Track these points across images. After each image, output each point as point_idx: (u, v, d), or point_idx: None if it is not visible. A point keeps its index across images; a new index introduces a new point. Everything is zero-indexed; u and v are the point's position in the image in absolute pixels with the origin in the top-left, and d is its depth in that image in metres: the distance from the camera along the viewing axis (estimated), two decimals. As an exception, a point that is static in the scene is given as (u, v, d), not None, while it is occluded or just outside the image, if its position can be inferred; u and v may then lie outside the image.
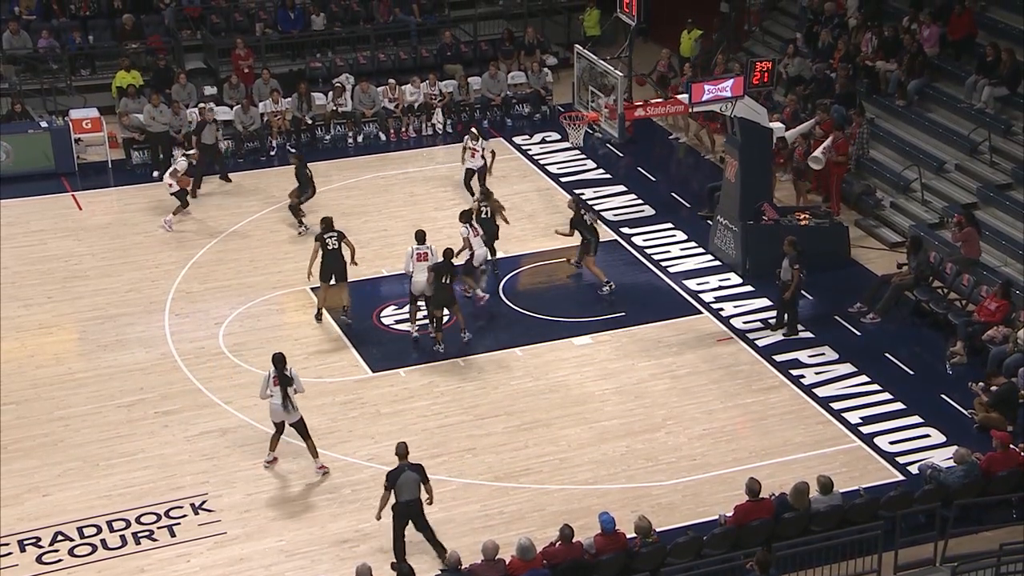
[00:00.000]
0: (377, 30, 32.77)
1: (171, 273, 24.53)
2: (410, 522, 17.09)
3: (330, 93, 30.42)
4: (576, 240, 23.96)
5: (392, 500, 16.92)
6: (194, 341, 22.40)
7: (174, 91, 29.78)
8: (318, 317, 22.76)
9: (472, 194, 26.38)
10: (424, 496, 17.02)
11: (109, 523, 18.04)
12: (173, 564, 17.39)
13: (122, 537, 17.80)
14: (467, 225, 23.23)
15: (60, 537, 17.77)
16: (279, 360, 18.72)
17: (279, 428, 18.99)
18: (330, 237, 22.48)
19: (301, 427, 18.90)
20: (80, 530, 17.91)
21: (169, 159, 28.74)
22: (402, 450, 17.13)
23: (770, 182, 25.31)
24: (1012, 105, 26.63)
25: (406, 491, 16.88)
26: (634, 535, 16.44)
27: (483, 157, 26.69)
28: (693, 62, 31.23)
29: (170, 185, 25.68)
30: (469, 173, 26.95)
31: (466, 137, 27.12)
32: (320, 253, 22.49)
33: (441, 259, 21.92)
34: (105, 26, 32.39)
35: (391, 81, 30.75)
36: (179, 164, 26.00)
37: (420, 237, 22.31)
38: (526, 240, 25.80)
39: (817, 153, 25.48)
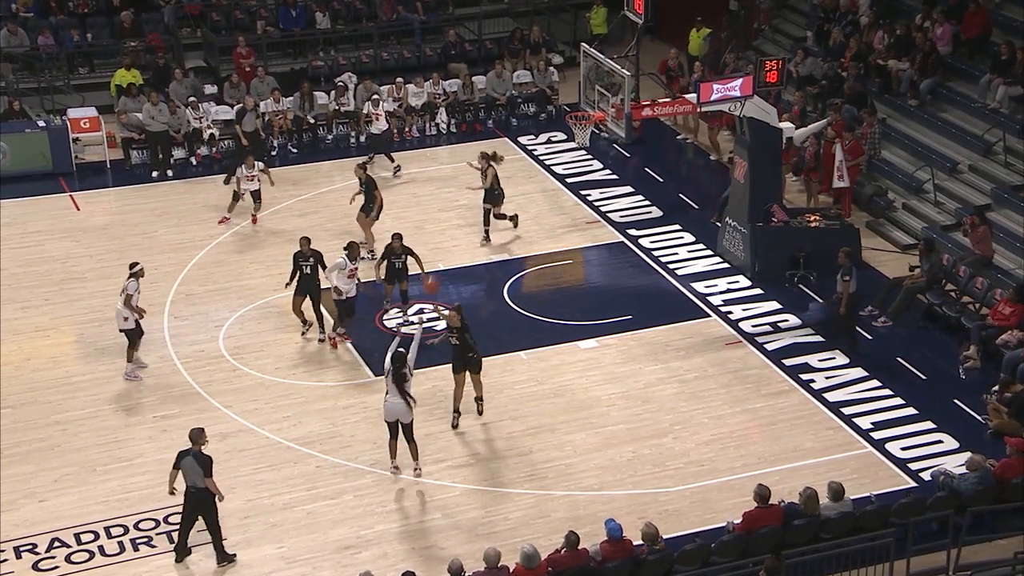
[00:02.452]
0: (380, 28, 32.77)
1: (170, 275, 24.53)
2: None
3: (332, 92, 30.42)
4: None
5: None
6: (194, 344, 22.41)
7: (172, 88, 29.77)
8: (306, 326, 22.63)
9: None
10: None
11: (107, 529, 18.04)
12: (172, 571, 17.37)
13: (120, 543, 17.80)
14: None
15: (57, 543, 17.77)
16: (398, 359, 18.59)
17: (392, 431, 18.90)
18: (305, 263, 22.20)
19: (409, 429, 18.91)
20: (77, 536, 17.92)
21: (169, 159, 28.84)
22: (193, 436, 17.13)
23: (780, 183, 25.30)
24: (1027, 105, 26.64)
25: (188, 476, 17.12)
26: (641, 542, 16.42)
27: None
28: (702, 61, 31.23)
29: (125, 319, 21.13)
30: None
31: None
32: (297, 274, 22.31)
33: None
34: (104, 24, 32.44)
35: (399, 80, 30.74)
36: (129, 287, 21.25)
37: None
38: (531, 242, 25.79)
39: (836, 183, 25.69)
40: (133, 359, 21.37)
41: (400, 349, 18.88)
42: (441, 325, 22.93)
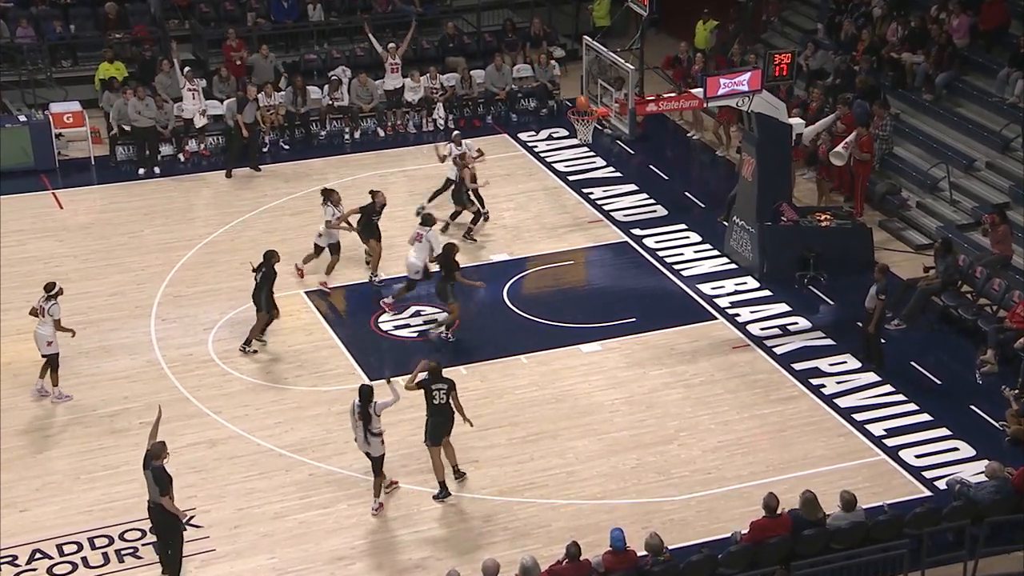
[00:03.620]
0: (375, 20, 32.77)
1: (158, 276, 24.55)
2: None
3: (326, 87, 30.43)
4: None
5: None
6: (182, 347, 22.42)
7: (158, 81, 29.74)
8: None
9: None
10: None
11: (91, 540, 18.03)
12: (158, 583, 17.42)
13: (104, 555, 17.79)
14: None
15: (38, 555, 17.76)
16: (365, 395, 18.25)
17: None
18: (258, 273, 22.12)
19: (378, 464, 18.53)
20: (60, 547, 17.90)
21: (156, 155, 28.84)
22: (155, 450, 16.75)
23: (789, 181, 25.31)
24: (1046, 100, 26.68)
25: (149, 491, 16.86)
26: (645, 553, 16.42)
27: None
28: (708, 54, 31.25)
29: (49, 343, 20.89)
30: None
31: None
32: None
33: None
34: (88, 15, 32.45)
35: (432, 69, 30.83)
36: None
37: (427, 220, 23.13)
38: (532, 242, 25.82)
39: (839, 148, 25.36)
40: (57, 382, 20.98)
41: (369, 384, 18.68)
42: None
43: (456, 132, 27.46)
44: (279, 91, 29.92)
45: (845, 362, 21.90)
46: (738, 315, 23.43)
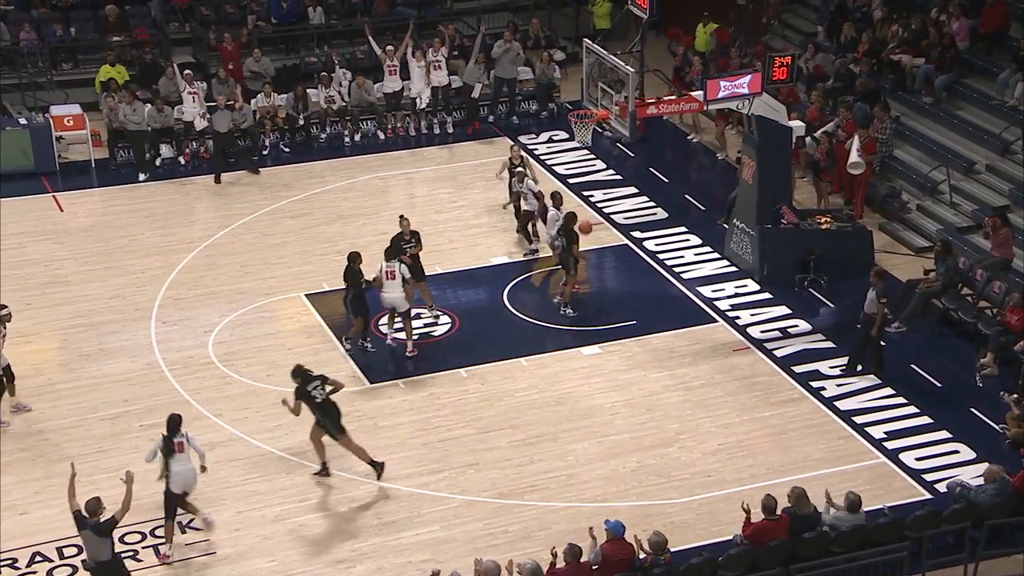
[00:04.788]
0: (375, 23, 32.77)
1: (158, 278, 24.56)
2: None
3: (319, 86, 30.39)
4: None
5: None
6: (182, 350, 22.42)
7: (161, 84, 29.79)
8: None
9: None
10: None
11: (91, 542, 18.04)
12: (158, 585, 17.44)
13: (105, 557, 17.80)
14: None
15: (39, 558, 17.77)
16: (175, 422, 17.86)
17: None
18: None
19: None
20: (60, 550, 17.91)
21: (157, 157, 28.82)
22: (91, 507, 15.99)
23: (789, 183, 25.32)
24: (1046, 102, 26.69)
25: (88, 551, 16.12)
26: (644, 554, 16.39)
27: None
28: (708, 57, 31.26)
29: None
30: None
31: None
32: None
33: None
34: (88, 18, 32.47)
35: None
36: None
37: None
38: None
39: (855, 158, 25.32)
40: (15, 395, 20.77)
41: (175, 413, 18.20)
42: (440, 329, 23.02)
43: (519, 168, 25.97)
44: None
45: (845, 365, 21.88)
46: (738, 318, 23.43)
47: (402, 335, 22.25)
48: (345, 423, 20.33)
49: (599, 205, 27.28)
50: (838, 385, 21.46)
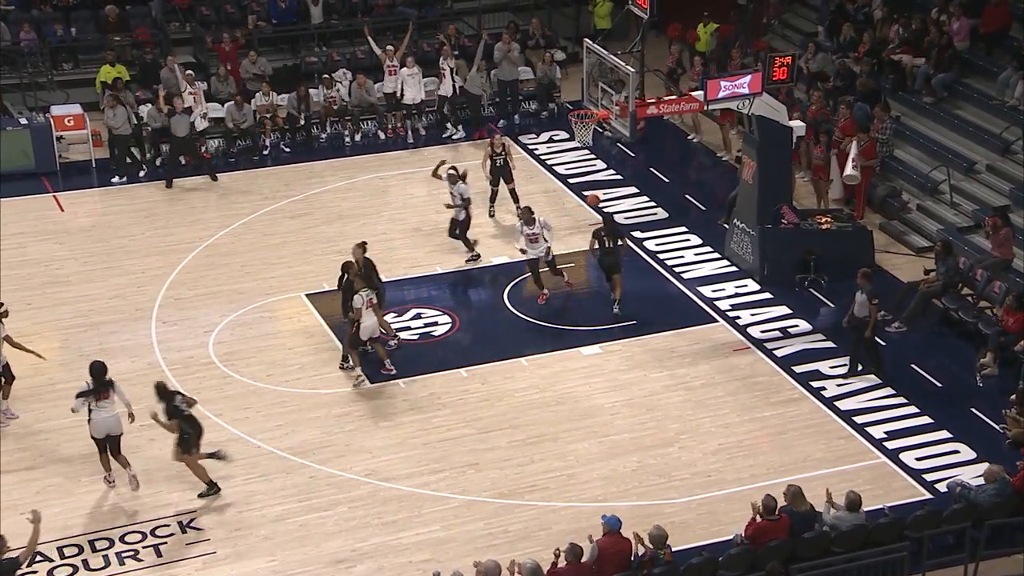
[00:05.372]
0: (375, 23, 32.78)
1: (158, 278, 24.57)
2: None
3: (320, 87, 30.39)
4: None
5: None
6: (182, 350, 22.43)
7: (162, 75, 29.83)
8: None
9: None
10: None
11: (91, 543, 18.06)
12: (159, 585, 17.44)
13: (105, 557, 17.81)
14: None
15: (39, 558, 17.72)
16: (99, 370, 18.75)
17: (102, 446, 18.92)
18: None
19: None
20: (60, 550, 17.92)
21: (157, 157, 28.79)
22: None
23: (790, 183, 25.33)
24: (1047, 102, 26.68)
25: None
26: (643, 548, 16.39)
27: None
28: (708, 57, 31.26)
29: None
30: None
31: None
32: None
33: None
34: (88, 18, 32.50)
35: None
36: None
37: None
38: (532, 244, 25.81)
39: (850, 170, 25.34)
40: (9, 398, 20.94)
41: (98, 361, 18.95)
42: (440, 329, 23.02)
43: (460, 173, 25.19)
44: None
45: (846, 365, 21.88)
46: (738, 318, 23.43)
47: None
48: (345, 423, 20.46)
49: (599, 205, 27.24)
50: (838, 385, 21.45)
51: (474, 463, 19.65)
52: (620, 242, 23.34)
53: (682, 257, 25.44)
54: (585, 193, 26.97)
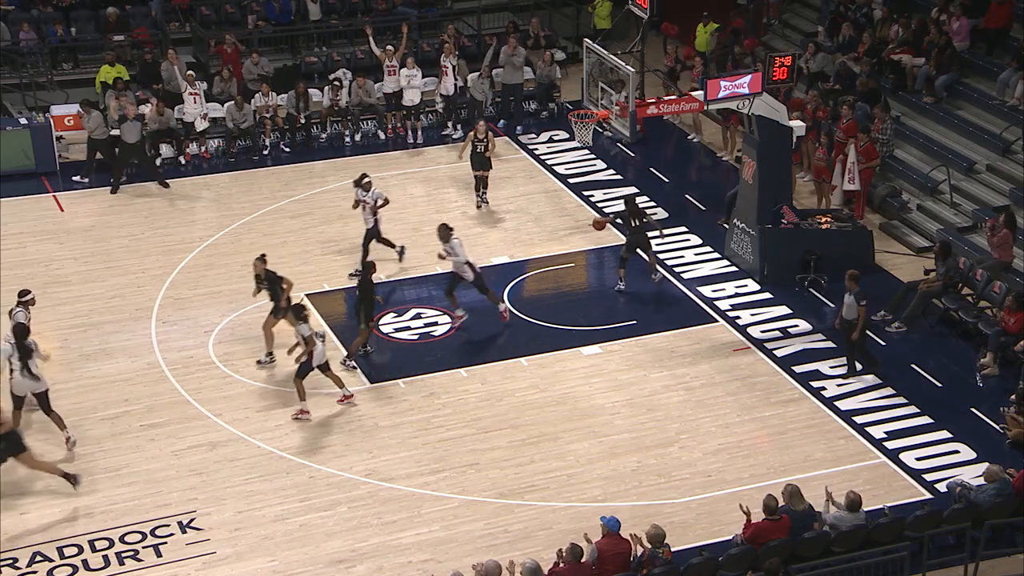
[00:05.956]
0: (375, 22, 32.77)
1: (158, 278, 24.57)
2: None
3: (327, 89, 30.41)
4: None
5: None
6: (182, 350, 22.43)
7: (164, 69, 29.88)
8: None
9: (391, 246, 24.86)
10: None
11: (91, 543, 18.05)
12: (159, 585, 17.44)
13: (105, 557, 17.81)
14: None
15: (39, 558, 17.77)
16: (22, 332, 19.69)
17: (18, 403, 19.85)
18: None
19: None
20: (60, 550, 17.91)
21: (156, 157, 28.79)
22: None
23: (790, 183, 25.33)
24: (1047, 102, 26.68)
25: None
26: (642, 548, 16.39)
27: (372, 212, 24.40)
28: (708, 57, 31.26)
29: None
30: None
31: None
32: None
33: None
34: (88, 17, 32.49)
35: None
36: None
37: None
38: (532, 244, 25.82)
39: (847, 185, 25.51)
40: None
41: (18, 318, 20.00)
42: (440, 329, 23.03)
43: (367, 179, 24.62)
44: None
45: (846, 365, 21.88)
46: (739, 318, 23.44)
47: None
48: (345, 423, 20.44)
49: (599, 205, 27.28)
50: (838, 385, 21.46)
51: (474, 463, 19.65)
52: (644, 219, 24.03)
53: (682, 257, 25.44)
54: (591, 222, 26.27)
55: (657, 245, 25.73)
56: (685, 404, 21.07)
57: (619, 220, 24.37)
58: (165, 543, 18.02)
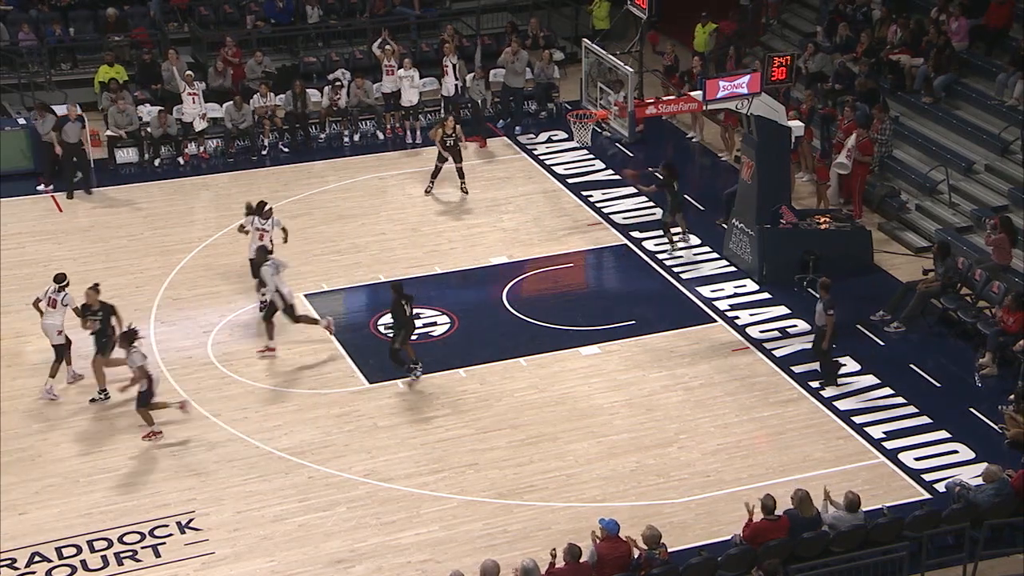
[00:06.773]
0: (374, 22, 32.76)
1: (157, 279, 24.56)
2: None
3: (327, 89, 30.40)
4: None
5: None
6: (181, 350, 22.42)
7: (164, 68, 29.89)
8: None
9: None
10: None
11: (90, 543, 18.04)
12: (158, 586, 17.42)
13: (104, 558, 17.80)
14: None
15: (38, 558, 17.76)
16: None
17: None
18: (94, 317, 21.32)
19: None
20: (59, 551, 17.90)
21: (156, 157, 28.77)
22: None
23: (789, 183, 25.33)
24: (1046, 102, 26.67)
25: None
26: (639, 550, 16.39)
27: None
28: (707, 57, 31.25)
29: (59, 332, 21.25)
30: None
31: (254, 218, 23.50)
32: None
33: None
34: (87, 18, 32.49)
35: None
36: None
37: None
38: (531, 244, 25.81)
39: (842, 158, 25.40)
40: (55, 374, 21.16)
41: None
42: (440, 329, 23.01)
43: (268, 207, 23.68)
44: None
45: (844, 365, 21.88)
46: (737, 318, 23.43)
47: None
48: (344, 423, 20.44)
49: (598, 205, 27.28)
50: (837, 385, 21.45)
51: (473, 463, 19.64)
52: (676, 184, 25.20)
53: (681, 257, 25.42)
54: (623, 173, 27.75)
55: (656, 245, 25.79)
56: (684, 404, 21.06)
57: (660, 185, 25.23)
58: (164, 543, 18.01)
